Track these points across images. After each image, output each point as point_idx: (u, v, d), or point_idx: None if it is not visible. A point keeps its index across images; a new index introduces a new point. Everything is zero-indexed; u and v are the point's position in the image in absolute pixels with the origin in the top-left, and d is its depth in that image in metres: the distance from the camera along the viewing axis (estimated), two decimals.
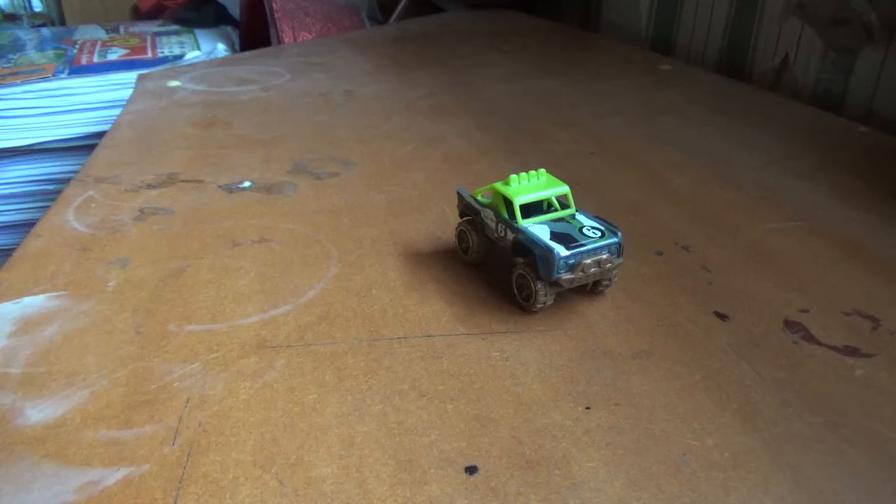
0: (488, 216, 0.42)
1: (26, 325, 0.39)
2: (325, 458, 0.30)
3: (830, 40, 0.79)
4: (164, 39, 1.28)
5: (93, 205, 0.53)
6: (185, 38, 1.30)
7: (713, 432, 0.32)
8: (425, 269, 0.45)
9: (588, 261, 0.38)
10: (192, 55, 1.18)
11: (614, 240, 0.39)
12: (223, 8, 1.39)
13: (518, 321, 0.40)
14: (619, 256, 0.39)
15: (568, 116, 0.74)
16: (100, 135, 0.76)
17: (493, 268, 0.44)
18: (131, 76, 0.98)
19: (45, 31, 1.41)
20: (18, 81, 1.06)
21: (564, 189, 0.41)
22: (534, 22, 1.20)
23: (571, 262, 0.38)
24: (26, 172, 1.07)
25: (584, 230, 0.39)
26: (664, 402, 0.34)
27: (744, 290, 0.43)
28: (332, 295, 0.42)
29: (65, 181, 0.66)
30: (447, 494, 0.29)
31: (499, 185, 0.41)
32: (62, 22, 1.58)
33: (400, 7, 1.30)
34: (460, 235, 0.45)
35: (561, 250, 0.37)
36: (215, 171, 0.60)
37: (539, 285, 0.38)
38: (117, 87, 1.08)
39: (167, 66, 1.07)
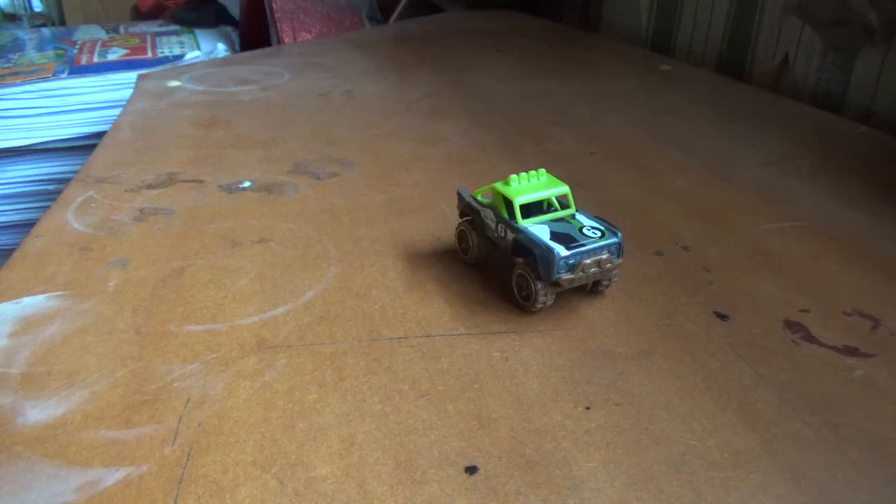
0: (488, 216, 0.42)
1: (26, 325, 0.39)
2: (325, 458, 0.30)
3: (830, 40, 0.79)
4: (164, 39, 1.28)
5: (93, 205, 0.53)
6: (185, 38, 1.29)
7: (713, 432, 0.32)
8: (425, 269, 0.45)
9: (588, 261, 0.38)
10: (192, 55, 1.18)
11: (614, 240, 0.39)
12: (223, 8, 1.39)
13: (518, 321, 0.40)
14: (619, 256, 0.39)
15: (568, 116, 0.74)
16: (100, 135, 0.76)
17: (493, 268, 0.44)
18: (131, 76, 0.98)
19: (45, 31, 1.41)
20: (18, 81, 1.06)
21: (564, 189, 0.41)
22: (534, 22, 1.20)
23: (571, 262, 0.38)
24: (26, 172, 1.07)
25: (584, 230, 0.39)
26: (664, 402, 0.34)
27: (744, 290, 0.43)
28: (332, 295, 0.42)
29: (65, 181, 0.66)
30: (447, 494, 0.29)
31: (499, 185, 0.41)
32: (62, 22, 1.58)
33: (400, 7, 1.30)
34: (460, 235, 0.45)
35: (561, 250, 0.37)
36: (215, 171, 0.60)
37: (539, 285, 0.38)
38: (117, 87, 1.08)
39: (167, 66, 1.07)
